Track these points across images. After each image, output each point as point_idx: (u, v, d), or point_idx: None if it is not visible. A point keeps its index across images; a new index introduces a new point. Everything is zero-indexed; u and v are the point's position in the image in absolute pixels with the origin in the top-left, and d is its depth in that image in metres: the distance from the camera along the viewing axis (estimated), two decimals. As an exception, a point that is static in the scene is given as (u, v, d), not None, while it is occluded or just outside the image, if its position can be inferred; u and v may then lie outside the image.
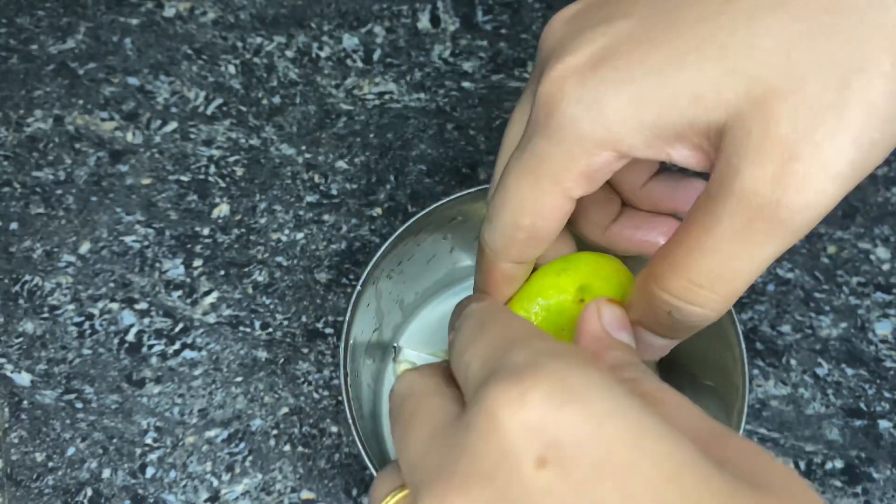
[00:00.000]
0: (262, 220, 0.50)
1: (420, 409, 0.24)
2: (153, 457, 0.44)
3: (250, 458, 0.44)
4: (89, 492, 0.43)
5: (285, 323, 0.47)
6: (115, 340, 0.47)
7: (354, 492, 0.43)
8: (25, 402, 0.45)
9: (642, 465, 0.18)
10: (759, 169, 0.25)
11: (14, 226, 0.50)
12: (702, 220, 0.26)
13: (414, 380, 0.25)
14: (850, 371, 0.46)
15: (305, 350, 0.47)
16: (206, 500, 0.43)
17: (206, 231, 0.49)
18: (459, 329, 0.26)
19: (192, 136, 0.52)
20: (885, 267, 0.48)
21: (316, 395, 0.46)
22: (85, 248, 0.49)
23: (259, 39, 0.55)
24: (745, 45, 0.25)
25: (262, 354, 0.46)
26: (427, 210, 0.40)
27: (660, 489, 0.18)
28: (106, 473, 0.44)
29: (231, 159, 0.51)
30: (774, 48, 0.24)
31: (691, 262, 0.26)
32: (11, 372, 0.46)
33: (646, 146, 0.26)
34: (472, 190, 0.40)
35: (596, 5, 0.28)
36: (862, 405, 0.45)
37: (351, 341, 0.38)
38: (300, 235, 0.49)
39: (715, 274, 0.27)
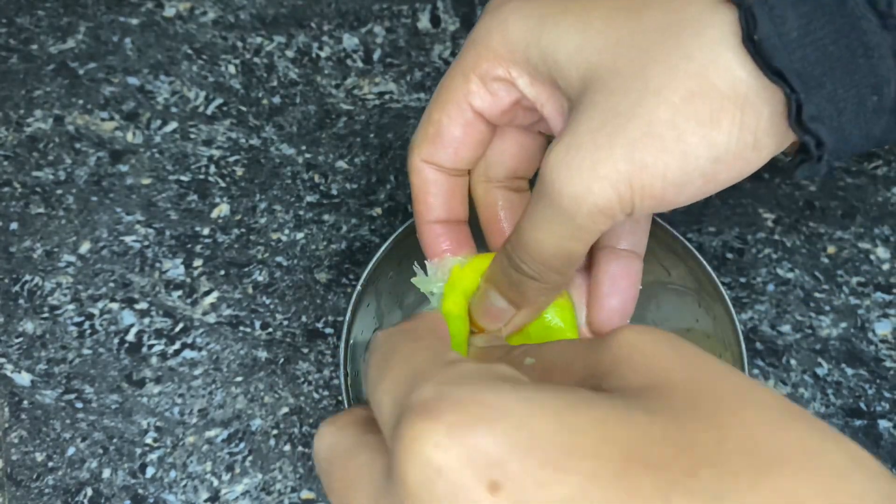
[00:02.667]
0: (262, 220, 0.50)
1: (349, 472, 0.23)
2: (153, 457, 0.44)
3: (250, 457, 0.44)
4: (89, 492, 0.43)
5: (285, 323, 0.47)
6: (115, 340, 0.47)
7: (354, 492, 0.43)
8: (25, 402, 0.45)
9: (578, 444, 0.19)
10: (552, 153, 0.28)
11: (14, 226, 0.50)
12: (532, 194, 0.30)
13: (335, 439, 0.24)
14: (850, 371, 0.46)
15: (305, 350, 0.47)
16: (206, 500, 0.43)
17: (206, 231, 0.49)
18: (367, 363, 0.25)
19: (192, 135, 0.52)
20: (885, 267, 0.48)
21: (316, 395, 0.46)
22: (85, 247, 0.49)
23: (259, 39, 0.55)
24: (605, 28, 0.28)
25: (262, 354, 0.46)
26: (427, 210, 0.40)
27: (600, 452, 0.19)
28: (106, 473, 0.44)
29: (231, 159, 0.51)
30: (615, 43, 0.28)
31: (519, 226, 0.31)
32: (11, 372, 0.46)
33: (530, 83, 0.31)
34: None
35: None
36: (862, 405, 0.45)
37: (351, 341, 0.38)
38: (300, 235, 0.49)
39: (528, 241, 0.31)
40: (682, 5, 0.27)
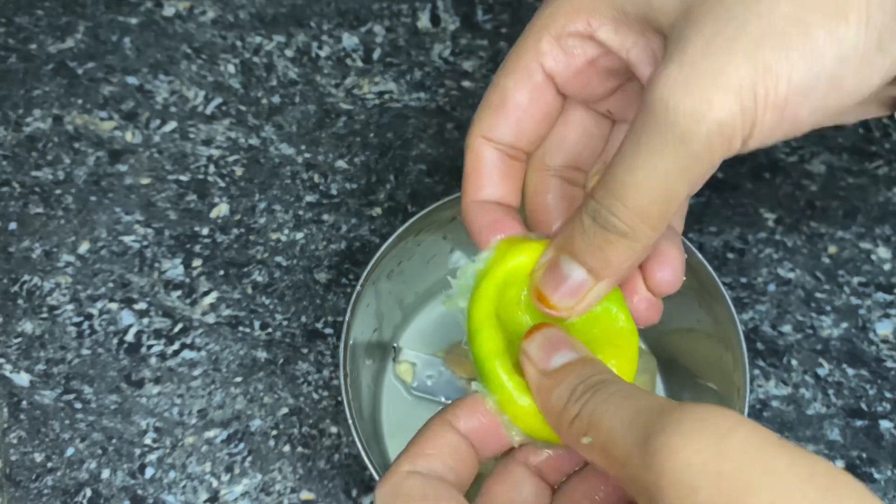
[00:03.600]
0: (262, 220, 0.50)
1: None
2: (152, 457, 0.44)
3: (250, 458, 0.44)
4: (88, 492, 0.43)
5: (285, 323, 0.47)
6: (115, 340, 0.47)
7: (354, 492, 0.43)
8: (24, 403, 0.45)
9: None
10: (661, 74, 0.25)
11: (13, 226, 0.49)
12: (628, 133, 0.27)
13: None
14: (850, 371, 0.46)
15: (305, 350, 0.46)
16: (205, 501, 0.43)
17: (205, 231, 0.49)
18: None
19: (192, 135, 0.52)
20: (886, 267, 0.48)
21: (315, 396, 0.45)
22: (84, 247, 0.49)
23: (258, 39, 0.55)
24: None
25: (262, 354, 0.46)
26: (427, 210, 0.40)
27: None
28: (105, 474, 0.44)
29: (230, 159, 0.51)
30: None
31: (610, 172, 0.27)
32: (10, 372, 0.46)
33: (614, 30, 0.28)
34: (473, 190, 0.40)
35: None
36: (863, 405, 0.45)
37: (351, 341, 0.38)
38: (300, 235, 0.49)
39: (626, 185, 0.27)
40: None
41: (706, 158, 0.25)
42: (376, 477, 0.35)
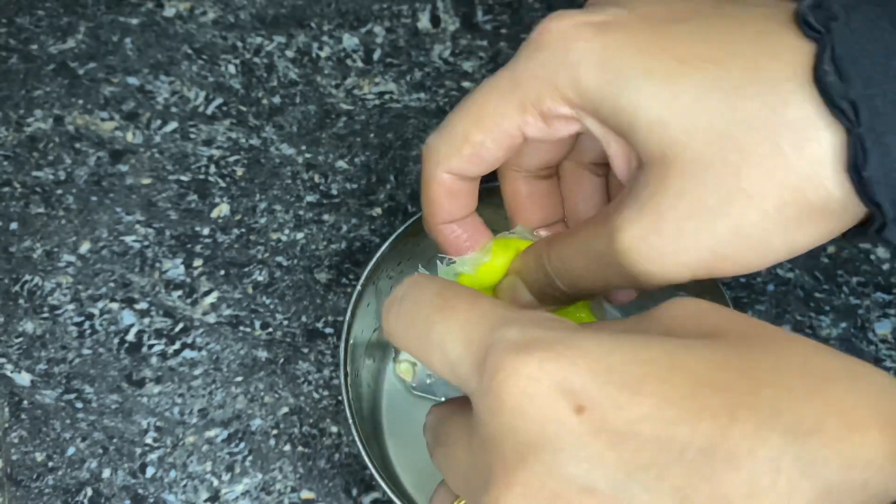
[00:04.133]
0: (262, 220, 0.50)
1: (450, 429, 0.25)
2: (153, 457, 0.44)
3: (250, 457, 0.44)
4: (89, 492, 0.43)
5: (285, 323, 0.47)
6: (115, 340, 0.47)
7: (354, 491, 0.43)
8: (25, 402, 0.45)
9: (651, 372, 0.21)
10: (629, 228, 0.28)
11: (14, 226, 0.50)
12: (585, 229, 0.30)
13: (439, 409, 0.27)
14: (849, 371, 0.46)
15: (305, 350, 0.47)
16: (206, 500, 0.43)
17: (206, 231, 0.49)
18: (406, 301, 0.26)
19: (192, 135, 0.52)
20: (885, 267, 0.48)
21: (316, 395, 0.46)
22: (85, 247, 0.49)
23: (259, 39, 0.55)
24: (695, 106, 0.27)
25: (262, 354, 0.46)
26: (427, 210, 0.40)
27: (670, 377, 0.21)
28: (106, 473, 0.44)
29: (231, 159, 0.51)
30: (706, 128, 0.27)
31: (562, 254, 0.31)
32: (11, 372, 0.46)
33: (599, 125, 0.29)
34: (472, 190, 0.40)
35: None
36: (862, 405, 0.45)
37: (351, 341, 0.38)
38: (300, 235, 0.49)
39: (571, 270, 0.31)
40: (783, 104, 0.26)
41: (646, 285, 0.29)
42: (376, 476, 0.35)
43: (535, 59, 0.29)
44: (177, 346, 0.47)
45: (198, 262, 0.49)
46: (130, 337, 0.47)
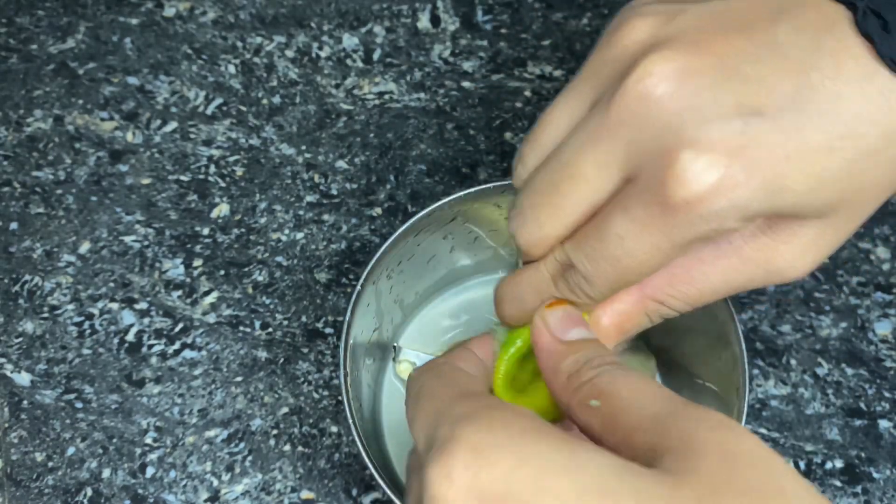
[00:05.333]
0: (262, 220, 0.50)
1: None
2: (153, 457, 0.44)
3: (250, 457, 0.44)
4: (89, 492, 0.43)
5: (285, 323, 0.47)
6: (115, 340, 0.47)
7: (354, 492, 0.43)
8: (25, 402, 0.45)
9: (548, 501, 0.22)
10: (798, 263, 0.30)
11: (14, 226, 0.50)
12: None
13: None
14: (850, 371, 0.46)
15: (305, 350, 0.47)
16: (206, 500, 0.43)
17: (205, 231, 0.49)
18: (407, 403, 0.28)
19: (192, 135, 0.52)
20: (885, 267, 0.48)
21: (316, 395, 0.46)
22: (85, 247, 0.49)
23: (259, 39, 0.55)
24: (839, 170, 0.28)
25: (262, 354, 0.46)
26: (427, 210, 0.40)
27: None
28: (106, 473, 0.44)
29: (231, 159, 0.51)
30: (845, 187, 0.29)
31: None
32: (11, 372, 0.46)
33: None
34: (472, 190, 0.40)
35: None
36: (862, 405, 0.45)
37: (351, 341, 0.38)
38: (300, 235, 0.49)
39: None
40: None
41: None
42: (376, 476, 0.35)
43: (695, 221, 0.28)
44: (177, 346, 0.47)
45: (198, 262, 0.49)
46: (130, 337, 0.47)
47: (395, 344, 0.45)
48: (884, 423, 0.45)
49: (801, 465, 0.44)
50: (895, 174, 0.29)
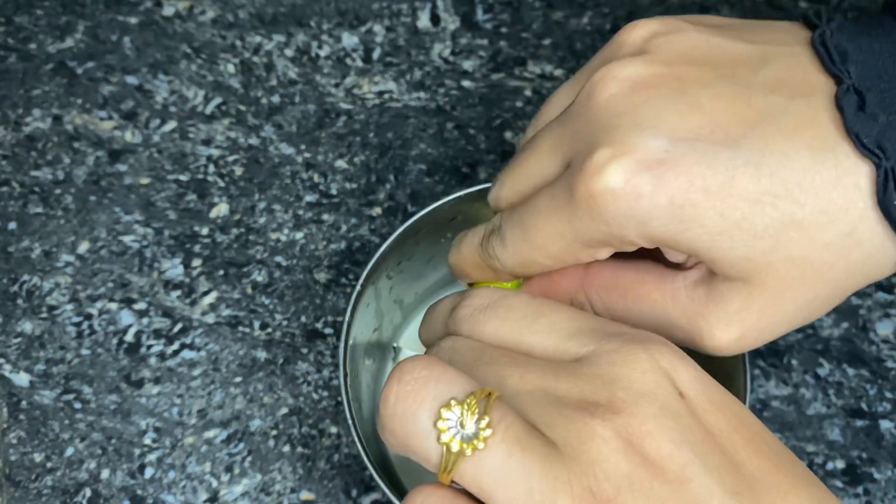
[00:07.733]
0: (261, 220, 0.49)
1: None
2: (152, 457, 0.44)
3: (249, 458, 0.44)
4: (88, 492, 0.43)
5: (284, 323, 0.47)
6: (114, 340, 0.47)
7: (354, 492, 0.43)
8: (24, 403, 0.45)
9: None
10: (719, 333, 0.31)
11: (12, 225, 0.49)
12: None
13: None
14: (851, 371, 0.46)
15: (305, 350, 0.46)
16: (205, 501, 0.43)
17: (204, 231, 0.49)
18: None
19: (191, 135, 0.52)
20: (887, 267, 0.48)
21: (315, 396, 0.45)
22: (83, 247, 0.49)
23: (258, 38, 0.55)
24: (773, 239, 0.28)
25: (262, 355, 0.46)
26: (427, 210, 0.40)
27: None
28: (105, 474, 0.44)
29: (230, 159, 0.51)
30: (785, 257, 0.28)
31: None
32: (10, 372, 0.46)
33: (672, 248, 0.30)
34: (472, 189, 0.40)
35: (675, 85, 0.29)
36: (863, 405, 0.45)
37: (350, 341, 0.38)
38: (299, 235, 0.49)
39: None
40: (856, 233, 0.28)
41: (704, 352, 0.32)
42: (376, 477, 0.35)
43: (594, 217, 0.28)
44: (175, 346, 0.46)
45: (197, 262, 0.48)
46: (129, 337, 0.47)
47: (395, 344, 0.45)
48: (885, 424, 0.44)
49: (803, 465, 0.43)
50: (838, 262, 0.28)
